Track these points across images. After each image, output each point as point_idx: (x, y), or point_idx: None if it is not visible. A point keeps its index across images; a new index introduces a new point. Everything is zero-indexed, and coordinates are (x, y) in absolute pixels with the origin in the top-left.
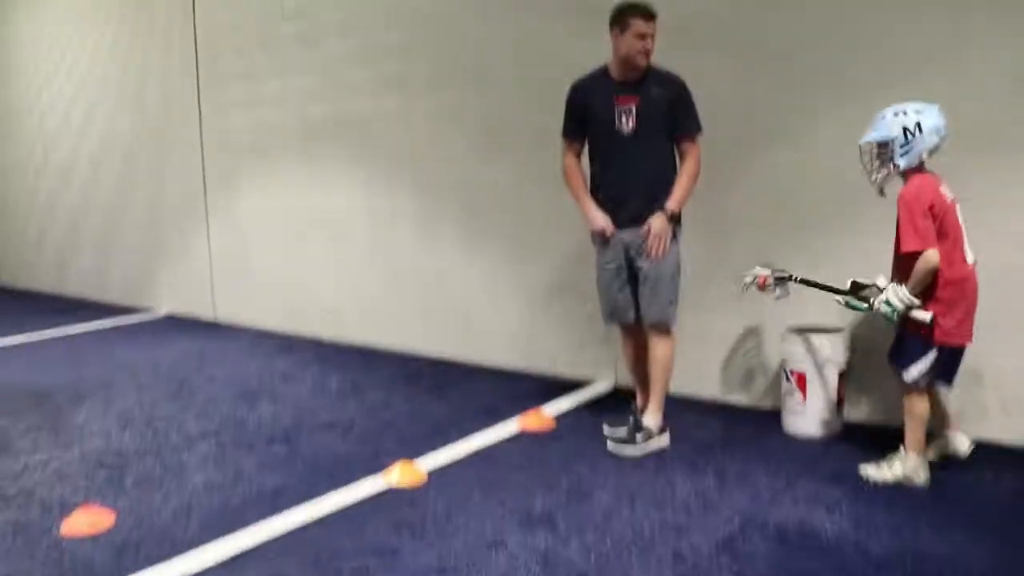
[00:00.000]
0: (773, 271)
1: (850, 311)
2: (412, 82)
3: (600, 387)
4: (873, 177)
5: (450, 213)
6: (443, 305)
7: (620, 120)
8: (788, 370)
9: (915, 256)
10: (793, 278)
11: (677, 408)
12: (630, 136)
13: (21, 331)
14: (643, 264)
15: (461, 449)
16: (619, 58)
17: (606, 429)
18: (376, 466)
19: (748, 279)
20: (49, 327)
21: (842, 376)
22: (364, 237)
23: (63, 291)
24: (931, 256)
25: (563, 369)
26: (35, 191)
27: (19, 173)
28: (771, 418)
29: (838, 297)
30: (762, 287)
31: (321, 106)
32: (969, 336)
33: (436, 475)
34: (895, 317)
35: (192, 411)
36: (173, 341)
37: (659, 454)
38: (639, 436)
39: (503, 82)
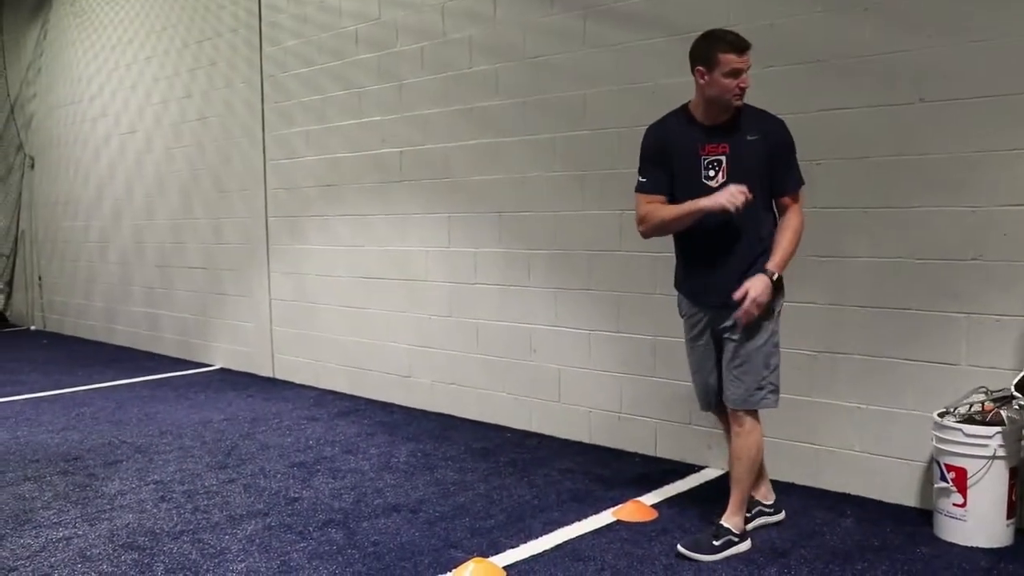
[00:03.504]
0: (989, 394)
1: None
2: (499, 119)
3: (710, 473)
4: None
5: (539, 265)
6: (529, 369)
7: (707, 173)
8: (943, 464)
9: None
10: (1016, 396)
11: (803, 501)
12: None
13: (61, 383)
14: (733, 337)
15: (546, 542)
16: (706, 99)
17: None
18: (446, 560)
19: (963, 409)
20: (92, 380)
21: (1014, 474)
22: (441, 290)
23: (112, 340)
24: None
25: (666, 449)
26: (86, 230)
27: (70, 210)
28: (920, 520)
29: None
30: (989, 419)
31: (397, 144)
32: None
33: (516, 573)
34: None
35: (239, 484)
36: (225, 400)
37: (781, 560)
38: (717, 541)
39: (601, 120)
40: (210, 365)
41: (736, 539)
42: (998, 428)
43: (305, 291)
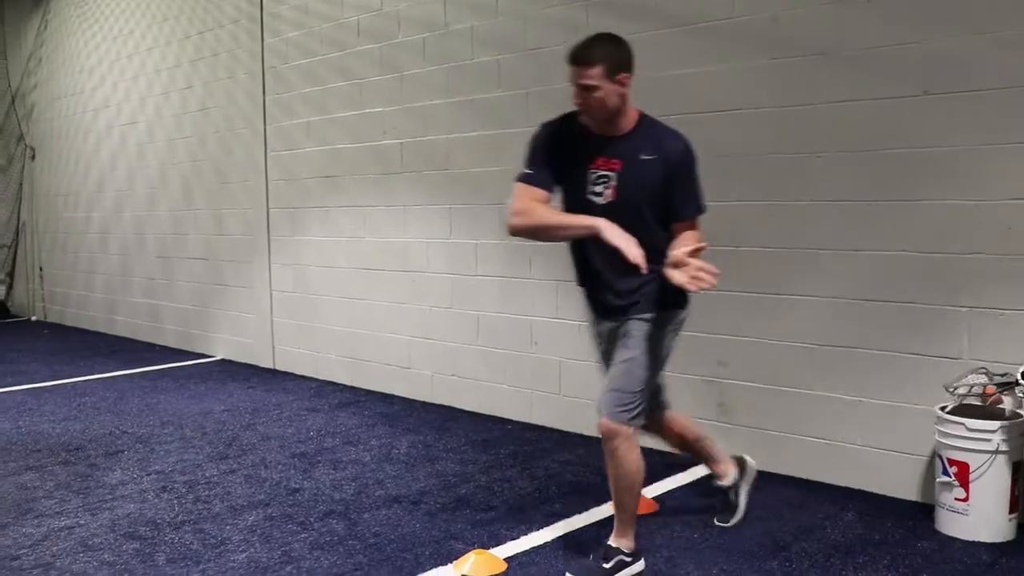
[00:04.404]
0: (991, 377)
1: None
2: (500, 111)
3: None
4: None
5: (541, 257)
6: (530, 362)
7: (594, 188)
8: (945, 458)
9: None
10: (1020, 382)
11: (803, 494)
12: (605, 211)
13: (62, 373)
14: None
15: (547, 534)
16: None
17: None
18: (447, 551)
19: (962, 390)
20: (93, 370)
21: (1017, 468)
22: (443, 281)
23: (112, 331)
24: None
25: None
26: (87, 221)
27: (71, 201)
28: (922, 514)
29: None
30: (990, 402)
31: (398, 136)
32: None
33: (517, 564)
34: None
35: (240, 475)
36: (226, 391)
37: (782, 553)
38: (607, 563)
39: None
40: (211, 356)
41: (628, 559)
42: (1001, 422)
43: (306, 282)
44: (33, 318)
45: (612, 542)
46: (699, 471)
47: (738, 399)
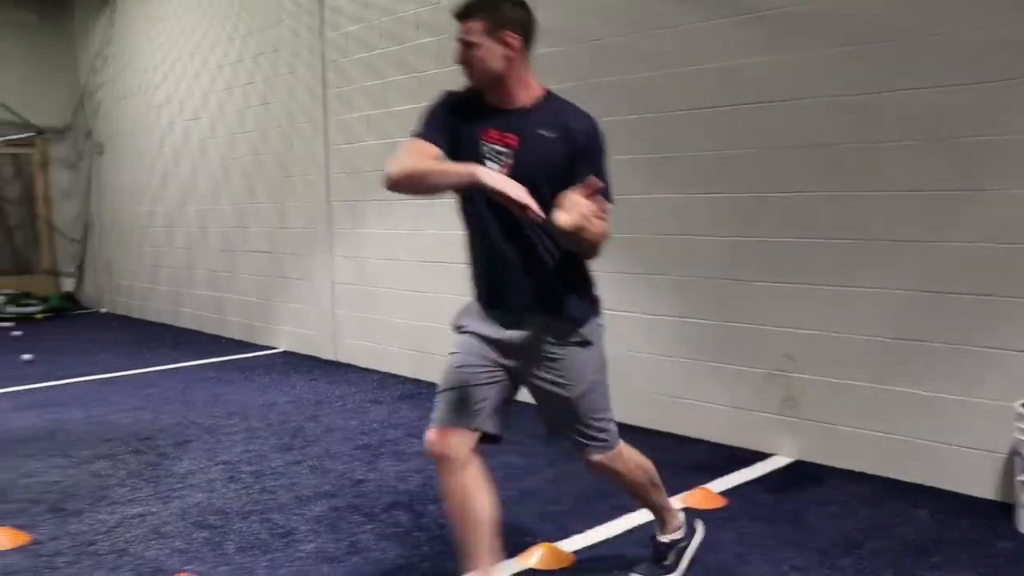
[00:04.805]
0: None
1: None
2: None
3: (779, 460)
4: None
5: (605, 247)
6: None
7: (487, 164)
8: None
9: None
10: None
11: (875, 491)
12: None
13: (131, 364)
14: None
15: (614, 528)
16: None
17: None
18: (514, 545)
19: None
20: (160, 361)
21: None
22: None
23: (177, 323)
24: None
25: (732, 436)
26: (151, 215)
27: (136, 197)
28: (1000, 513)
29: None
30: None
31: None
32: None
33: (583, 558)
34: None
35: (305, 466)
36: (289, 382)
37: (855, 551)
38: (666, 560)
39: (663, 103)
40: (274, 348)
41: (683, 541)
42: None
43: (367, 275)
44: (102, 310)
45: (662, 538)
46: (764, 467)
47: (806, 393)
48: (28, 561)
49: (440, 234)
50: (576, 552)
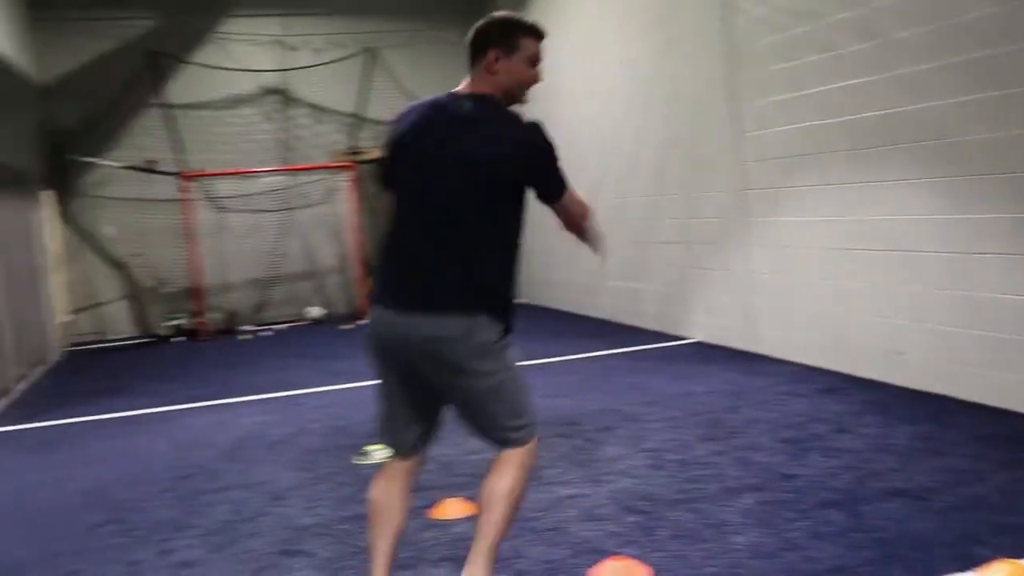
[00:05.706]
0: None
1: None
2: (1004, 71)
3: None
4: None
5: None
6: None
7: None
8: None
9: None
10: None
11: None
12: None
13: (549, 352)
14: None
15: None
16: (501, 88)
17: None
18: (966, 556)
19: None
20: (578, 349)
21: None
22: (936, 260)
23: (592, 313)
24: None
25: None
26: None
27: None
28: None
29: None
30: None
31: (881, 107)
32: None
33: None
34: None
35: (729, 457)
36: (705, 372)
37: None
38: None
39: None
40: (687, 338)
41: None
42: None
43: (784, 264)
44: (524, 300)
45: None
46: None
47: None
48: None
49: (859, 220)
50: None
